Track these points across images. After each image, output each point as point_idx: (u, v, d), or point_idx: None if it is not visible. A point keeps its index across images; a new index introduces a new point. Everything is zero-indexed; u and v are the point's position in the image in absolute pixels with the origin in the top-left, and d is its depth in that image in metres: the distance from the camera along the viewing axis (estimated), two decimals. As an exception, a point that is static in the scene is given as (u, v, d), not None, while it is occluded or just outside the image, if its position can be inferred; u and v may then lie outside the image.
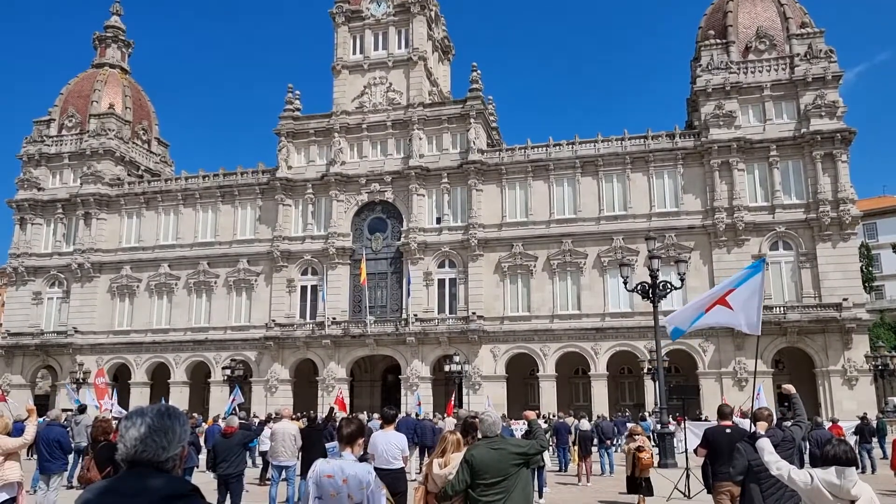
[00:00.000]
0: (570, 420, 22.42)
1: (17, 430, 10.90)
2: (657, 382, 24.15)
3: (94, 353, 46.53)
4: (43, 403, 42.94)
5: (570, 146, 43.12)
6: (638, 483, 13.18)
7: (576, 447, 19.21)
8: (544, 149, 43.50)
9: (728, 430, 8.92)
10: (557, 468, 20.67)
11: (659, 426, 23.09)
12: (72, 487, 15.17)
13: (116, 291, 47.98)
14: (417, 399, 36.59)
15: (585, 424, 19.72)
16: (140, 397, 44.57)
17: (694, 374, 38.88)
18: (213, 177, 48.53)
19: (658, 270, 22.47)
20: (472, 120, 44.07)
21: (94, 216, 48.94)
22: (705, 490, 9.49)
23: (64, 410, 18.93)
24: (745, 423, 11.53)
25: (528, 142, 44.05)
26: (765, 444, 5.79)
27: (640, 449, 13.07)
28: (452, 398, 33.43)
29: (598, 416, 29.68)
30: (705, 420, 29.67)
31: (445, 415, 26.65)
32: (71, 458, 14.76)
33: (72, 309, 47.97)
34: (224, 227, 47.25)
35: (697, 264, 39.38)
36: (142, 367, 46.31)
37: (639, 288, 22.79)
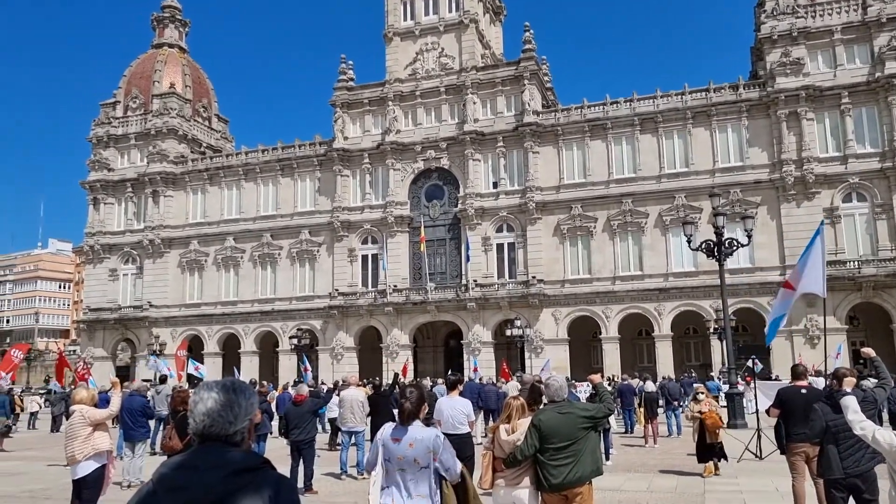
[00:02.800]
0: (634, 382, 22.23)
1: (102, 400, 11.47)
2: (724, 342, 23.67)
3: (169, 325, 48.47)
4: (124, 374, 45.16)
5: (628, 104, 42.04)
6: (710, 448, 12.38)
7: (641, 409, 19.07)
8: (601, 107, 42.54)
9: (803, 391, 8.68)
10: (623, 430, 20.58)
11: (727, 386, 22.67)
12: (155, 454, 15.95)
13: (186, 266, 49.67)
14: (475, 364, 36.84)
15: (651, 386, 19.53)
16: (213, 367, 46.30)
17: (763, 332, 37.84)
18: (272, 150, 49.35)
19: (723, 228, 21.86)
20: (526, 81, 43.38)
21: (162, 194, 50.56)
22: (778, 451, 9.28)
23: (144, 381, 19.83)
24: (819, 382, 11.22)
25: (584, 101, 43.15)
26: (850, 402, 5.61)
27: (702, 413, 12.42)
28: (504, 364, 33.51)
29: (664, 378, 29.34)
30: (776, 380, 28.96)
31: (504, 380, 26.79)
32: (152, 425, 15.49)
33: (145, 284, 49.97)
34: (285, 200, 48.14)
35: (765, 220, 38.13)
36: (213, 337, 48.04)
37: (703, 246, 22.24)
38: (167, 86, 53.25)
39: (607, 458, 14.00)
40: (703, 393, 13.27)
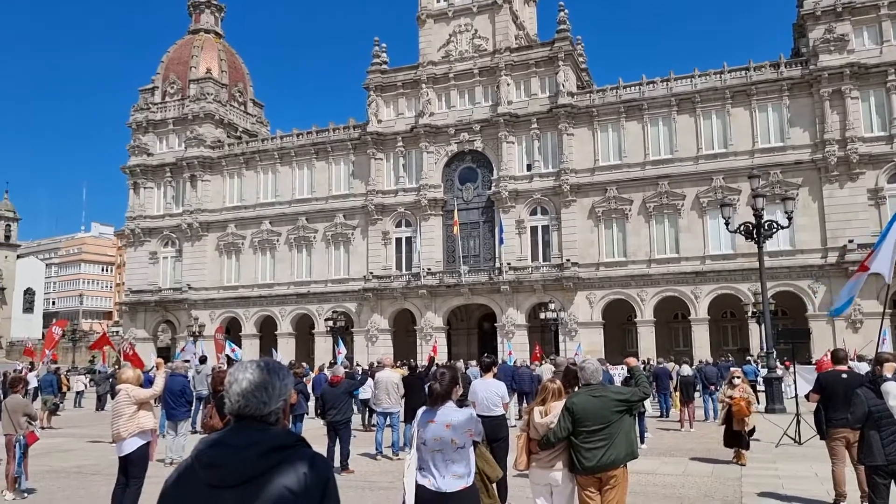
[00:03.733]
0: (670, 365, 22.07)
1: (145, 380, 11.77)
2: (763, 326, 23.31)
3: (207, 307, 49.41)
4: (165, 355, 46.21)
5: (665, 83, 41.31)
6: (736, 435, 11.95)
7: (677, 393, 18.93)
8: (637, 88, 41.88)
9: (844, 375, 8.53)
10: (659, 414, 20.46)
11: (765, 371, 22.36)
12: (196, 432, 16.36)
13: (223, 249, 50.48)
14: (509, 348, 36.84)
15: (687, 370, 19.35)
16: (250, 348, 47.15)
17: (803, 316, 37.20)
18: (307, 134, 49.69)
19: (762, 209, 21.47)
20: (560, 62, 42.88)
21: (199, 178, 51.34)
22: (818, 436, 9.16)
23: (185, 361, 20.29)
24: (862, 367, 10.99)
25: (619, 81, 42.51)
26: (891, 388, 5.52)
27: (733, 399, 12.04)
28: (536, 347, 33.44)
29: (701, 361, 29.07)
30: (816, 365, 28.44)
31: (535, 363, 26.79)
32: (194, 404, 15.87)
33: (185, 267, 50.95)
34: (319, 184, 48.51)
35: (806, 201, 37.31)
36: (250, 320, 48.86)
37: (742, 228, 21.85)
38: (203, 71, 53.88)
39: (642, 442, 13.95)
40: (739, 377, 12.97)
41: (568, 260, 40.73)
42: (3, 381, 14.96)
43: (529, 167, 43.42)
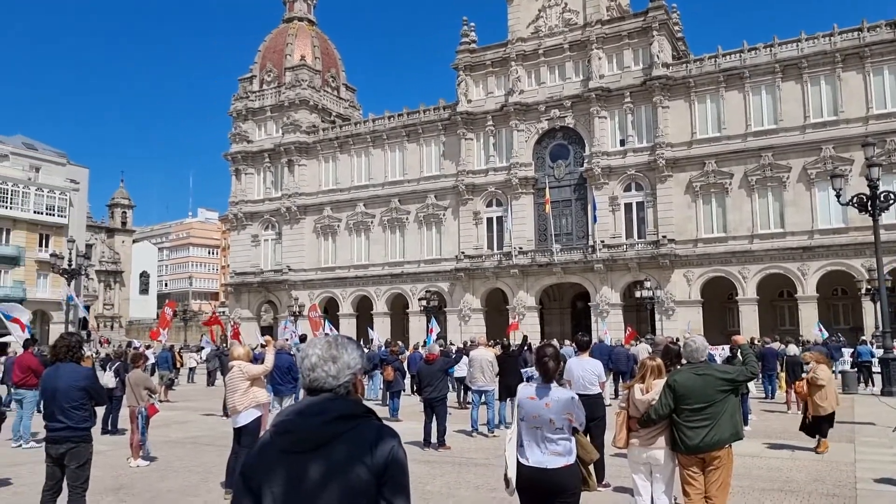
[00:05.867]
0: (776, 345, 21.15)
1: (254, 359, 12.38)
2: (878, 303, 21.94)
3: (306, 288, 51.21)
4: (268, 334, 48.24)
5: (768, 49, 39.17)
6: (815, 421, 11.09)
7: (783, 374, 18.15)
8: (738, 55, 39.94)
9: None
10: (763, 396, 19.70)
11: (881, 351, 21.07)
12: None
13: (320, 231, 52.06)
14: (604, 328, 36.25)
15: (793, 349, 18.53)
16: (348, 327, 48.62)
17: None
18: (398, 117, 50.32)
19: (878, 180, 20.09)
20: (654, 32, 41.41)
21: (296, 163, 53.04)
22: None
23: (285, 340, 21.18)
24: None
25: (718, 49, 40.66)
26: None
27: (803, 380, 11.16)
28: (628, 327, 32.59)
29: (808, 341, 27.68)
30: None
31: (636, 341, 26.25)
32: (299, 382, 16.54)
33: (284, 249, 52.94)
34: (411, 165, 49.10)
35: (927, 170, 34.64)
36: (347, 299, 50.29)
37: (855, 200, 20.56)
38: (298, 58, 55.39)
39: (746, 423, 13.49)
40: (810, 361, 11.75)
41: (664, 237, 39.58)
42: (125, 357, 16.08)
43: (623, 142, 42.34)
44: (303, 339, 22.20)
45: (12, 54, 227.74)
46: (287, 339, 22.83)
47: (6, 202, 54.39)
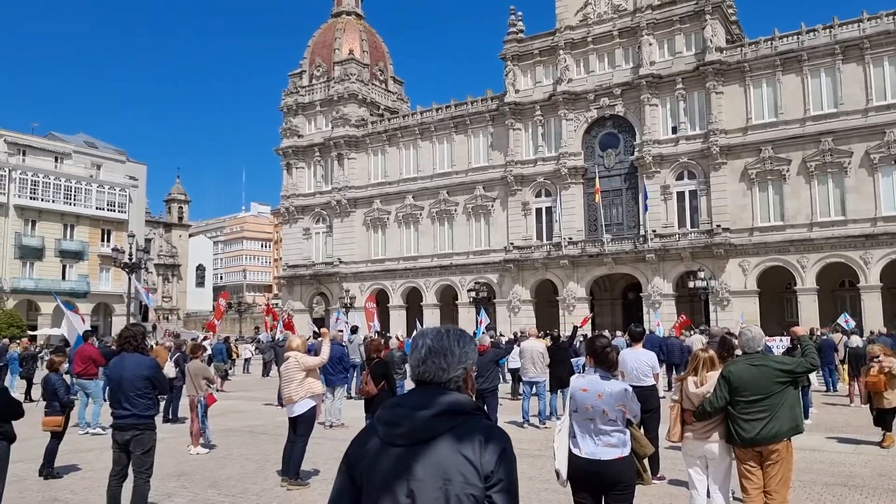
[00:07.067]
0: (836, 336, 20.52)
1: (309, 350, 12.60)
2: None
3: (357, 280, 51.79)
4: (320, 326, 49.04)
5: (828, 31, 37.80)
6: (882, 413, 10.75)
7: (845, 366, 17.60)
8: (795, 37, 38.65)
9: None
10: (824, 389, 19.13)
11: (950, 343, 20.19)
12: (351, 398, 17.34)
13: (370, 224, 52.55)
14: (657, 318, 35.62)
15: (856, 341, 17.95)
16: (398, 319, 49.04)
17: None
18: (446, 108, 50.33)
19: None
20: (707, 16, 40.38)
21: (346, 156, 53.59)
22: None
23: (339, 331, 21.47)
24: None
25: (774, 32, 39.43)
26: None
27: (870, 373, 10.73)
28: (682, 317, 31.85)
29: (872, 332, 26.74)
30: None
31: (689, 331, 25.77)
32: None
33: (335, 242, 53.64)
34: (459, 157, 49.09)
35: None
36: (397, 291, 50.68)
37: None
38: (346, 52, 55.87)
39: (807, 417, 13.13)
40: (879, 353, 11.27)
41: (718, 226, 38.69)
42: (184, 349, 16.57)
43: (675, 130, 41.49)
44: (354, 330, 22.47)
45: (76, 55, 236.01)
46: (340, 331, 23.13)
47: (70, 199, 56.50)
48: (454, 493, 2.02)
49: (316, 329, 28.02)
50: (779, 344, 21.16)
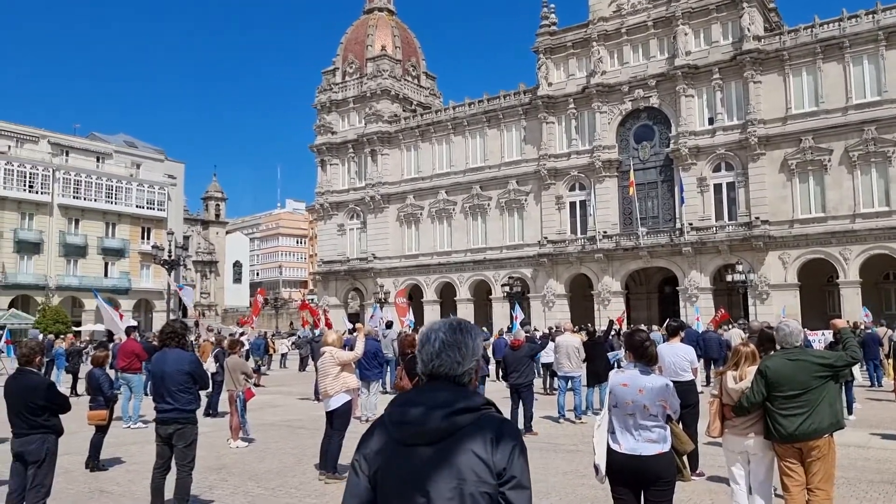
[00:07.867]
0: (881, 330, 20.01)
1: (345, 345, 12.71)
2: None
3: (391, 275, 52.05)
4: (354, 321, 49.46)
5: (871, 16, 36.77)
6: None
7: (890, 360, 17.16)
8: (837, 24, 37.68)
9: None
10: (869, 384, 18.68)
11: None
12: (386, 392, 17.46)
13: (403, 219, 52.74)
14: (696, 313, 35.12)
15: (902, 335, 17.44)
16: (432, 314, 49.16)
17: None
18: (478, 103, 50.21)
19: None
20: (745, 4, 39.58)
21: (379, 152, 53.84)
22: None
23: (375, 327, 21.63)
24: None
25: (815, 19, 38.48)
26: None
27: None
28: (720, 311, 31.28)
29: (918, 326, 26.00)
30: None
31: (728, 325, 25.36)
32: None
33: (369, 237, 53.97)
34: (492, 151, 48.95)
35: None
36: (431, 286, 50.81)
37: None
38: (378, 49, 56.06)
39: (850, 412, 12.86)
40: None
41: (757, 218, 37.98)
42: (223, 344, 16.86)
43: (711, 121, 40.80)
44: (388, 325, 22.60)
45: (117, 58, 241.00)
46: (375, 327, 23.30)
47: (112, 198, 57.82)
48: (468, 491, 2.02)
49: (349, 324, 28.26)
50: (821, 338, 20.76)
